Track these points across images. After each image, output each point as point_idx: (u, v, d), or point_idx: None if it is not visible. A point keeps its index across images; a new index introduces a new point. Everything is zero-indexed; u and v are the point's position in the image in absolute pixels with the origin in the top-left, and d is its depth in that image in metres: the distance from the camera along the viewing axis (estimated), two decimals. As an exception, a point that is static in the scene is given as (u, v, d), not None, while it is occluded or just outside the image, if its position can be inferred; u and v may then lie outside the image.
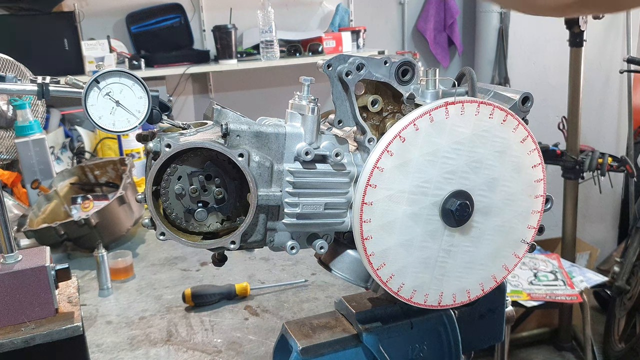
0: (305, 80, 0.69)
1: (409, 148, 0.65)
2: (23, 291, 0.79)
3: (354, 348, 0.77)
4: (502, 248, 0.73)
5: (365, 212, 0.65)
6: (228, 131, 0.65)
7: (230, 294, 1.27)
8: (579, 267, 2.74)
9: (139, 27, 3.07)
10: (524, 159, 0.70)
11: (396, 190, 0.66)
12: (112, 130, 0.67)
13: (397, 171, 0.65)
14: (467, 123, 0.66)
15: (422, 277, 0.70)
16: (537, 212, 0.73)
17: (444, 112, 0.65)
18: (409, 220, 0.67)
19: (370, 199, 0.65)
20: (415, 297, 0.71)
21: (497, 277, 0.74)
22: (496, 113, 0.67)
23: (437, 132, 0.65)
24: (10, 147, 1.95)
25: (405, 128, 0.64)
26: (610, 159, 2.73)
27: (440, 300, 0.72)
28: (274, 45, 3.02)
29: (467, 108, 0.66)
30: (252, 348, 1.09)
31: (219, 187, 0.67)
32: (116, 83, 0.66)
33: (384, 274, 0.68)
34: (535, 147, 0.70)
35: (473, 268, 0.72)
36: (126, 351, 1.10)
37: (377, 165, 0.65)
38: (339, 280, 1.28)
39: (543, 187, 0.73)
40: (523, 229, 0.73)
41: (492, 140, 0.68)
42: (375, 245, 0.67)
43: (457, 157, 0.67)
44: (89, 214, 1.50)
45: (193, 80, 3.36)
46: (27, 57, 2.05)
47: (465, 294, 0.73)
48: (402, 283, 0.70)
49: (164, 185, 0.66)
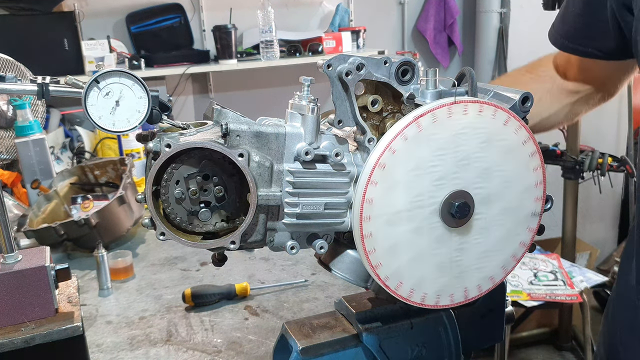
0: (305, 80, 0.69)
1: (393, 171, 0.65)
2: (23, 291, 0.79)
3: (354, 348, 0.77)
4: (513, 228, 0.72)
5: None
6: (228, 131, 0.65)
7: (230, 294, 1.27)
8: (579, 267, 2.74)
9: (139, 27, 3.07)
10: (511, 138, 0.69)
11: (391, 213, 0.66)
12: (112, 130, 0.67)
13: (387, 195, 0.65)
14: (443, 127, 0.66)
15: (441, 281, 0.70)
16: (540, 184, 0.72)
17: (415, 127, 0.64)
18: (412, 236, 0.67)
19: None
20: (441, 301, 0.71)
21: (517, 256, 0.74)
22: (470, 108, 0.66)
23: (415, 146, 0.65)
24: (10, 147, 1.95)
25: (382, 154, 0.64)
26: (610, 159, 2.73)
27: (466, 295, 0.72)
28: (274, 45, 3.02)
29: (438, 114, 0.65)
30: (252, 348, 1.09)
31: (217, 185, 0.67)
32: (116, 83, 0.66)
33: (404, 291, 0.69)
34: (520, 124, 0.69)
35: (490, 256, 0.72)
36: (126, 351, 1.11)
37: (373, 175, 0.65)
38: (339, 280, 1.28)
39: (540, 160, 0.71)
40: (530, 204, 0.72)
41: (473, 135, 0.67)
42: (387, 269, 0.67)
43: (443, 161, 0.66)
44: (89, 214, 1.50)
45: (193, 80, 3.36)
46: (27, 57, 2.05)
47: (490, 281, 0.73)
48: (424, 293, 0.70)
49: (164, 187, 0.66)
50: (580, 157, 2.81)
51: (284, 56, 3.14)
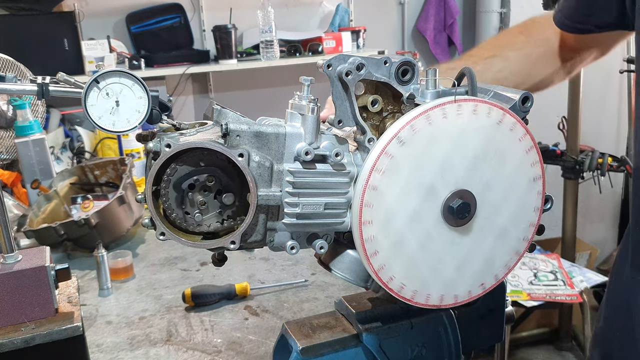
0: (305, 80, 0.69)
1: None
2: (23, 291, 0.79)
3: (354, 348, 0.77)
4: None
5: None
6: (228, 131, 0.65)
7: (230, 294, 1.28)
8: (579, 267, 2.74)
9: (139, 27, 3.07)
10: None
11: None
12: (112, 130, 0.67)
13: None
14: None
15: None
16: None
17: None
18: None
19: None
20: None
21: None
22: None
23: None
24: (10, 147, 1.95)
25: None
26: (610, 159, 2.74)
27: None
28: (274, 45, 3.02)
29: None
30: (252, 348, 1.09)
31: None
32: (116, 83, 0.66)
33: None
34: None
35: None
36: (126, 351, 1.11)
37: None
38: (339, 280, 1.28)
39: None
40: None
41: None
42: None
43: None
44: (89, 214, 1.50)
45: (193, 80, 3.36)
46: (27, 57, 2.05)
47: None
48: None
49: (164, 186, 0.66)
50: (580, 157, 2.82)
51: (284, 56, 3.14)
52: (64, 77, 0.68)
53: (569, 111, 2.92)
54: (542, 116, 3.42)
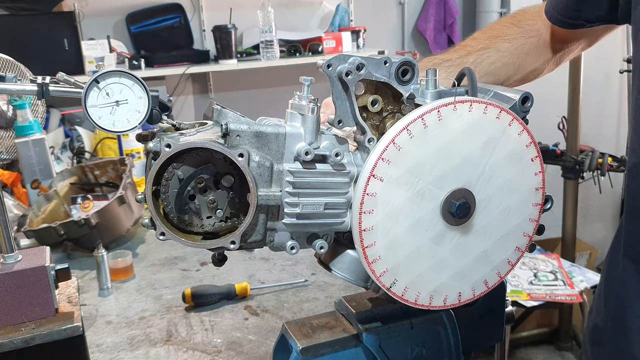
0: (305, 80, 0.69)
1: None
2: (23, 291, 0.79)
3: (354, 348, 0.77)
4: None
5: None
6: (228, 131, 0.65)
7: (230, 294, 1.28)
8: (579, 267, 2.74)
9: (139, 27, 3.07)
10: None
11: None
12: (112, 130, 0.67)
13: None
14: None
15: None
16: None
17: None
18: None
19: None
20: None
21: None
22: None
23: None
24: (10, 147, 1.95)
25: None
26: (610, 159, 2.74)
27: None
28: (274, 45, 3.02)
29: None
30: (252, 348, 1.09)
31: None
32: (116, 83, 0.66)
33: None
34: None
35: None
36: (126, 351, 1.11)
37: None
38: (339, 280, 1.28)
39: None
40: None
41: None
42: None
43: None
44: (89, 214, 1.50)
45: (193, 80, 3.36)
46: (27, 57, 2.05)
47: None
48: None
49: (163, 186, 0.66)
50: (580, 157, 2.82)
51: (284, 56, 3.14)
52: (64, 77, 0.68)
53: (569, 111, 2.92)
54: (542, 116, 3.42)
